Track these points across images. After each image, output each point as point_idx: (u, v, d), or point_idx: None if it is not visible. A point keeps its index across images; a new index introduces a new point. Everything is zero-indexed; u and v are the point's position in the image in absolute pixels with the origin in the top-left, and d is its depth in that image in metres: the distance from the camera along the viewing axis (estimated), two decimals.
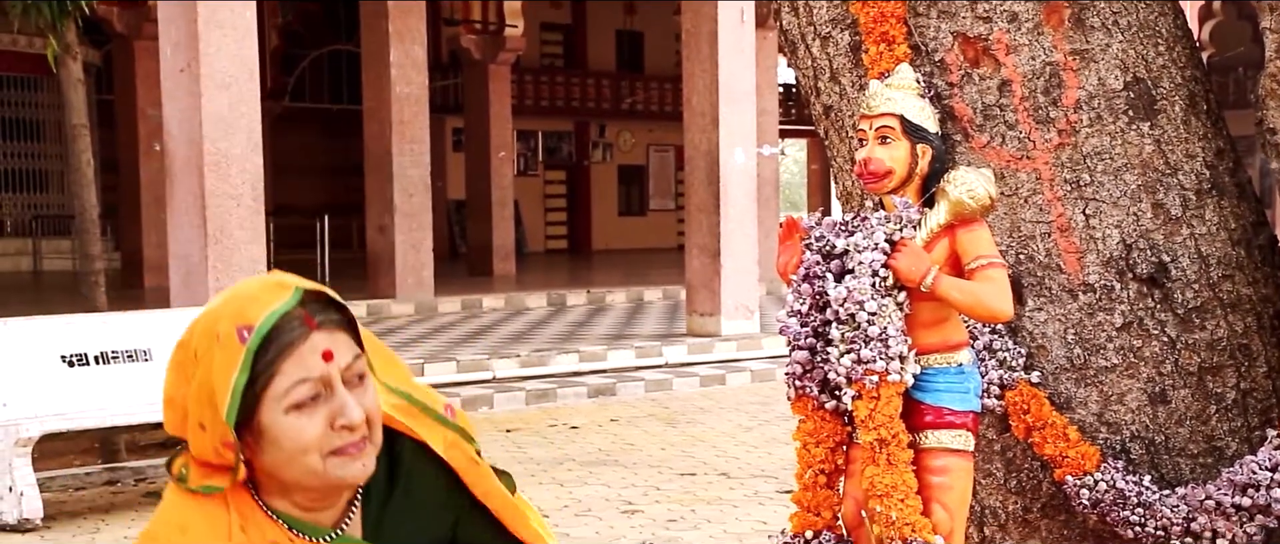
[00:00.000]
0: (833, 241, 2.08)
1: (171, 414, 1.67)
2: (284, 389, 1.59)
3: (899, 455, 2.02)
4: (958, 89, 2.43)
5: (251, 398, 1.59)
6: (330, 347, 1.61)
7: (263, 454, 1.62)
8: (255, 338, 1.58)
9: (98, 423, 6.68)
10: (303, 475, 1.62)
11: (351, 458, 1.62)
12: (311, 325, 1.61)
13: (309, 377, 1.59)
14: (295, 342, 1.60)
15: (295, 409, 1.59)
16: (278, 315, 1.61)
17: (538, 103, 26.93)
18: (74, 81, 8.19)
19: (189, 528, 1.65)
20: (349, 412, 1.60)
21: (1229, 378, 2.44)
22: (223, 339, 1.60)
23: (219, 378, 1.59)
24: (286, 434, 1.60)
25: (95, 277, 8.22)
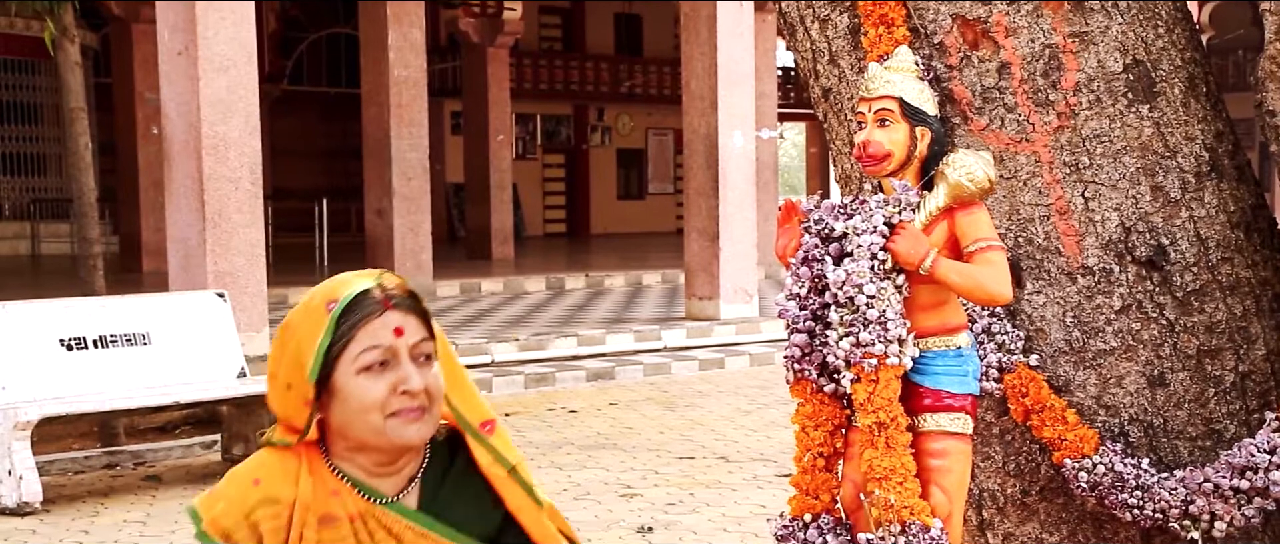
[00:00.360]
0: (831, 225, 2.07)
1: (272, 386, 1.92)
2: (356, 353, 1.84)
3: (897, 439, 2.02)
4: (957, 72, 2.43)
5: (330, 361, 1.85)
6: (401, 324, 1.86)
7: (334, 412, 1.87)
8: (339, 307, 1.86)
9: (96, 407, 6.69)
10: (366, 432, 1.86)
11: (408, 422, 1.85)
12: (387, 305, 1.87)
13: (379, 344, 1.84)
14: (371, 314, 1.85)
15: (365, 371, 1.84)
16: (359, 291, 1.87)
17: (536, 86, 26.88)
18: (71, 64, 8.17)
19: (262, 477, 1.91)
20: (411, 380, 1.84)
21: (1228, 361, 2.44)
22: (313, 311, 1.88)
23: (306, 342, 1.86)
24: (355, 393, 1.84)
25: (93, 260, 8.21)
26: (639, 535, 5.67)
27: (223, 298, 7.53)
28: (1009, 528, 2.56)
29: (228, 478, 1.95)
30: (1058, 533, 2.52)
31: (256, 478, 1.92)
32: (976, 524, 2.59)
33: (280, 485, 1.90)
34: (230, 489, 1.93)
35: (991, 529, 2.58)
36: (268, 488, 1.90)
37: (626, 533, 5.65)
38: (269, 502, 1.89)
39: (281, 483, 1.91)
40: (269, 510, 1.89)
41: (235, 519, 1.89)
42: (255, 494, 1.90)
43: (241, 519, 1.89)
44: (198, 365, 7.16)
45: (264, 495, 1.90)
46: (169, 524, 6.07)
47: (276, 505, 1.89)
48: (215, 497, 1.92)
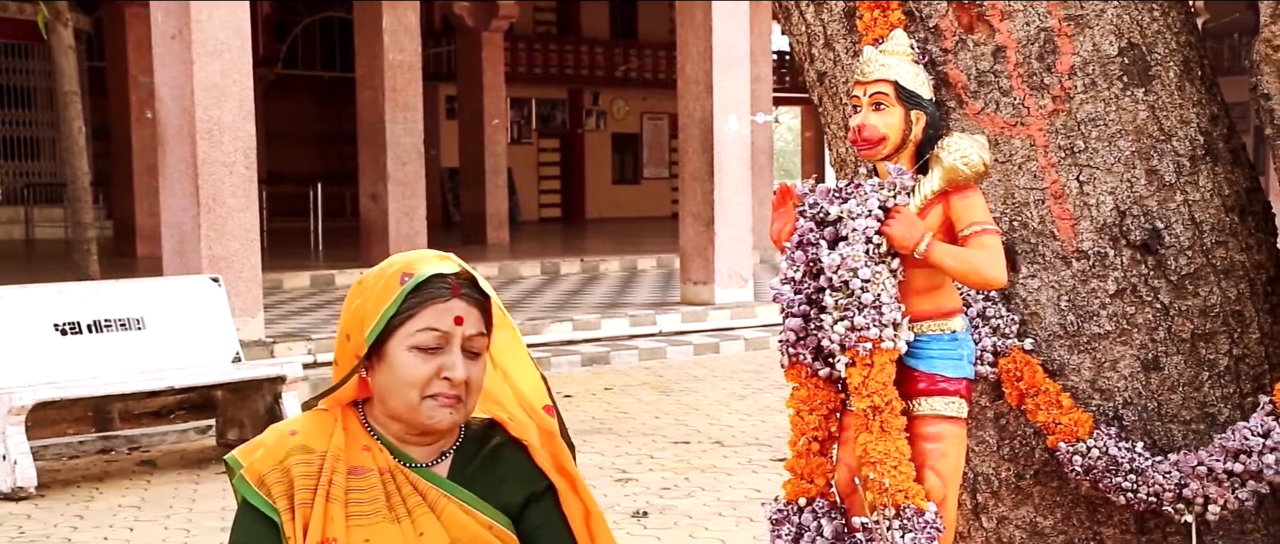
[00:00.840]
0: (826, 208, 2.07)
1: (341, 342, 2.02)
2: (414, 330, 1.94)
3: (892, 422, 2.02)
4: (952, 55, 2.42)
5: (389, 329, 1.95)
6: (463, 315, 1.96)
7: (379, 375, 1.97)
8: (412, 282, 1.95)
9: (91, 392, 6.68)
10: (401, 406, 1.96)
11: (442, 406, 1.95)
12: (456, 292, 1.96)
13: (437, 328, 1.94)
14: (438, 298, 1.95)
15: (416, 349, 1.94)
16: (434, 273, 1.96)
17: (531, 70, 26.82)
18: (65, 48, 8.15)
19: (299, 429, 2.01)
20: (455, 369, 1.94)
21: (1222, 344, 2.44)
22: (388, 279, 1.97)
23: (374, 304, 1.96)
24: (401, 365, 1.94)
25: (87, 245, 8.20)
26: (634, 520, 5.68)
27: (217, 282, 7.52)
28: (1003, 512, 2.57)
29: (269, 430, 2.06)
30: (1052, 517, 2.53)
31: (293, 430, 2.02)
32: (971, 508, 2.60)
33: (315, 437, 2.00)
34: (269, 438, 2.03)
35: (986, 513, 2.58)
36: (303, 438, 2.00)
37: (622, 517, 5.66)
38: (302, 449, 1.98)
39: (317, 435, 2.00)
40: (301, 457, 1.97)
41: (269, 465, 1.98)
42: (290, 443, 2.00)
43: (275, 465, 1.97)
44: (192, 350, 7.15)
45: (298, 444, 1.99)
46: (164, 509, 6.07)
47: (309, 454, 1.98)
48: (254, 445, 2.02)
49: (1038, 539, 2.54)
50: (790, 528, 2.12)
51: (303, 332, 10.31)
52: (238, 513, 2.00)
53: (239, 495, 2.00)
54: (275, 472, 1.96)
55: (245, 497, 1.97)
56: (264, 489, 1.96)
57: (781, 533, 2.13)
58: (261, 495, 1.96)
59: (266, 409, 7.16)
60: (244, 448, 2.03)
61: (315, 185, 19.02)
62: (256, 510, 1.96)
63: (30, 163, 20.91)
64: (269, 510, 1.95)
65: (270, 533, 1.95)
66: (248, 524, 1.97)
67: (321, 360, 9.63)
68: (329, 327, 10.63)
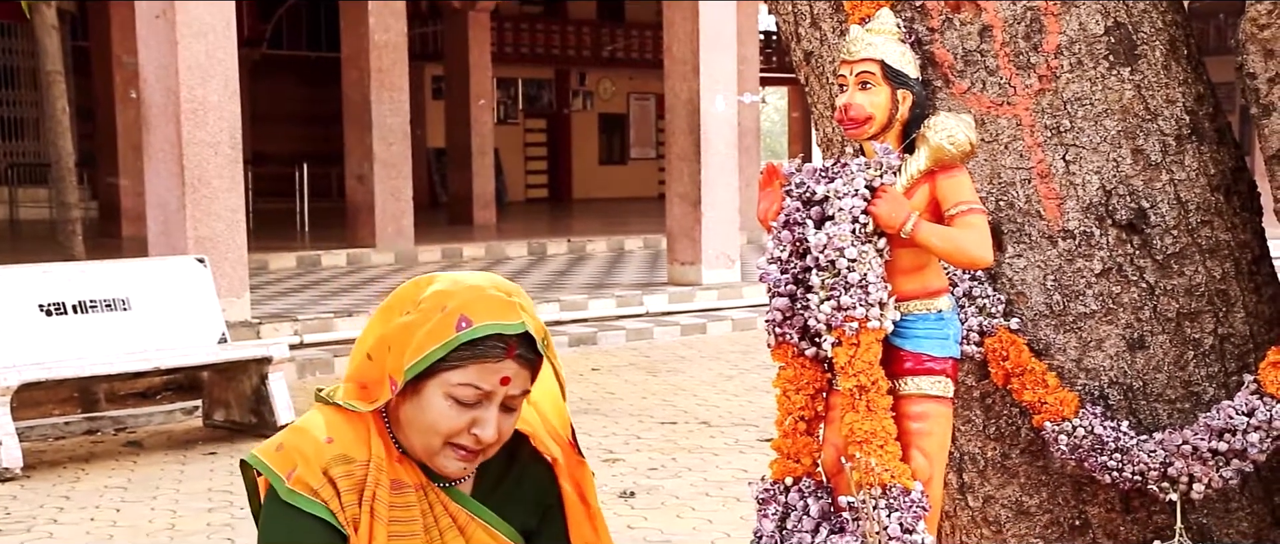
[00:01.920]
0: (813, 188, 2.07)
1: (358, 349, 1.94)
2: (456, 382, 1.85)
3: (878, 402, 2.02)
4: (938, 34, 2.42)
5: (431, 369, 1.85)
6: (511, 376, 1.87)
7: (407, 408, 1.89)
8: (468, 334, 1.84)
9: (76, 372, 6.67)
10: (419, 446, 1.89)
11: (458, 459, 1.89)
12: (510, 354, 1.87)
13: (480, 387, 1.86)
14: (490, 357, 1.85)
15: (453, 399, 1.86)
16: (494, 331, 1.85)
17: (518, 50, 26.75)
18: (48, 28, 8.10)
19: (334, 436, 1.91)
20: (486, 427, 1.87)
21: (1207, 323, 2.44)
22: (446, 315, 1.85)
23: (423, 339, 1.84)
24: (433, 410, 1.86)
25: (72, 225, 8.17)
26: (621, 500, 5.69)
27: (203, 263, 7.50)
28: (989, 490, 2.57)
29: (295, 434, 1.93)
30: (1037, 495, 2.54)
31: (329, 436, 1.91)
32: (957, 487, 2.61)
33: (353, 446, 1.90)
34: (303, 446, 1.91)
35: (972, 492, 2.59)
36: (341, 447, 1.90)
37: (609, 498, 5.67)
38: (343, 460, 1.89)
39: (354, 444, 1.91)
40: (343, 469, 1.88)
41: (316, 477, 1.87)
42: (329, 451, 1.90)
43: (321, 476, 1.87)
44: (178, 331, 7.14)
45: (338, 453, 1.89)
46: (150, 490, 6.06)
47: (350, 464, 1.89)
48: (286, 454, 1.90)
49: (1023, 518, 2.55)
50: (777, 507, 2.13)
51: (289, 312, 10.29)
52: (274, 516, 1.88)
53: (272, 500, 1.88)
54: (325, 485, 1.87)
55: (293, 503, 1.86)
56: (320, 498, 1.87)
57: (768, 512, 2.13)
58: (318, 502, 1.86)
59: (252, 390, 7.16)
60: (271, 453, 1.91)
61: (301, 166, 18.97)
62: (305, 513, 1.86)
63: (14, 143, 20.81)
64: (326, 513, 1.86)
65: (324, 530, 1.86)
66: (291, 524, 1.86)
67: (308, 341, 9.61)
68: (315, 307, 10.62)
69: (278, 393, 7.09)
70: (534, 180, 28.65)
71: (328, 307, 10.73)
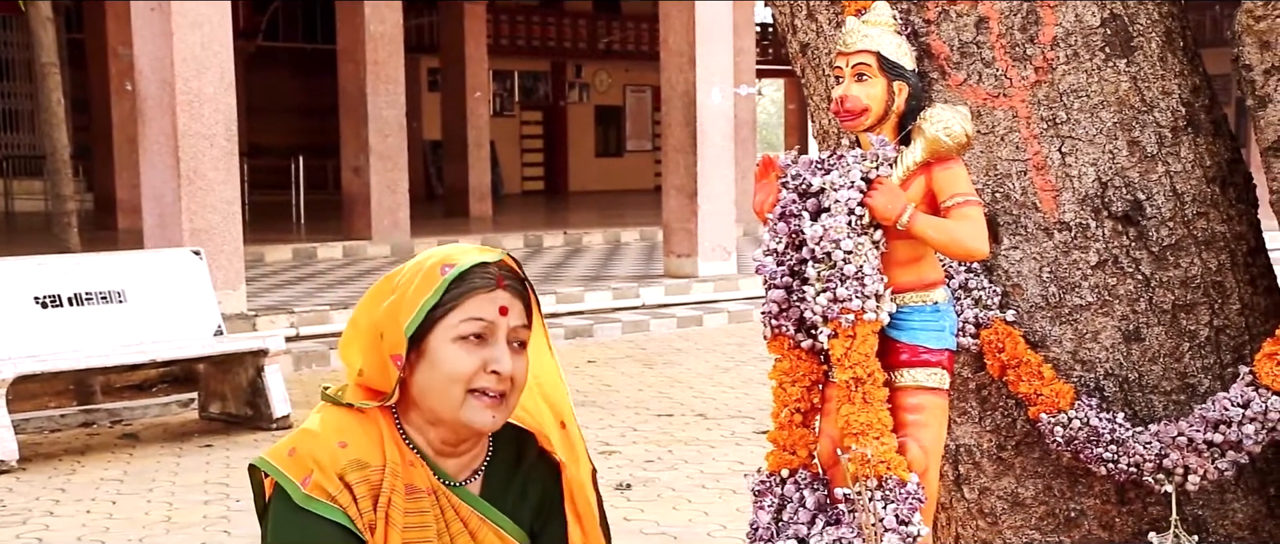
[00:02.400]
0: (809, 180, 2.06)
1: (355, 336, 1.92)
2: (457, 321, 1.84)
3: (874, 394, 2.02)
4: (934, 26, 2.42)
5: (430, 322, 1.84)
6: (508, 305, 1.87)
7: (418, 374, 1.86)
8: (454, 272, 1.86)
9: (72, 365, 6.66)
10: (443, 404, 1.85)
11: (485, 406, 1.86)
12: (500, 283, 1.87)
13: (482, 318, 1.85)
14: (482, 288, 1.85)
15: (460, 340, 1.84)
16: (477, 263, 1.87)
17: (514, 42, 26.71)
18: (43, 20, 8.09)
19: (347, 440, 1.87)
20: (501, 361, 1.85)
21: (1202, 315, 2.45)
22: (426, 271, 1.87)
23: (412, 298, 1.85)
24: (445, 359, 1.84)
25: (68, 217, 8.16)
26: (618, 492, 5.69)
27: (199, 255, 7.49)
28: (985, 482, 2.58)
29: (306, 437, 1.89)
30: (1033, 487, 2.54)
31: (342, 440, 1.87)
32: (953, 479, 2.61)
33: (367, 450, 1.87)
34: (317, 451, 1.87)
35: (968, 483, 2.59)
36: (355, 451, 1.87)
37: (605, 490, 5.66)
38: (359, 465, 1.86)
39: (368, 448, 1.88)
40: (360, 474, 1.85)
41: (334, 482, 1.84)
42: (344, 456, 1.86)
43: (337, 482, 1.84)
44: (174, 323, 7.14)
45: (353, 458, 1.86)
46: (146, 482, 6.06)
47: (366, 469, 1.86)
48: (300, 460, 1.86)
49: (1019, 509, 2.55)
50: (773, 499, 2.13)
51: (285, 305, 10.29)
52: (287, 521, 1.84)
53: (284, 504, 1.85)
54: (341, 491, 1.84)
55: (311, 509, 1.83)
56: (337, 503, 1.84)
57: (764, 504, 2.13)
58: (335, 508, 1.83)
59: (248, 382, 7.15)
60: (283, 458, 1.87)
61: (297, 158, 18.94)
62: (322, 518, 1.83)
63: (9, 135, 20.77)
64: (344, 519, 1.83)
65: (342, 536, 1.83)
66: (306, 529, 1.83)
67: (304, 333, 9.61)
68: (311, 299, 10.61)
69: (274, 385, 7.09)
70: (530, 173, 28.63)
71: (324, 299, 10.72)
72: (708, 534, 5.12)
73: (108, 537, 5.20)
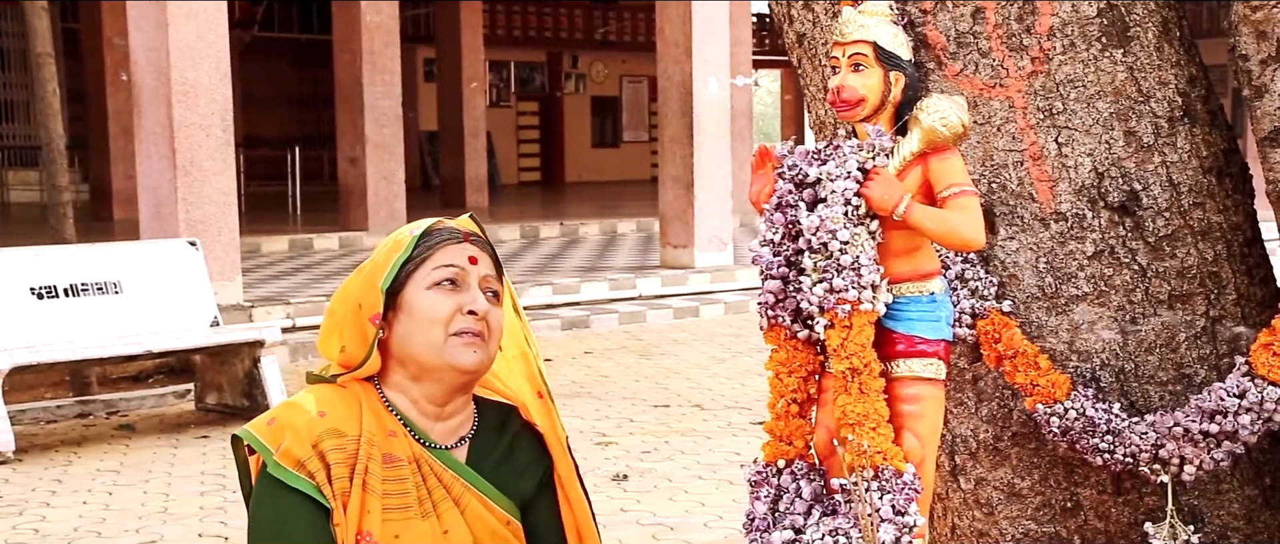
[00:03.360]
0: (805, 170, 2.06)
1: (329, 322, 2.01)
2: (430, 270, 1.94)
3: (871, 384, 2.02)
4: (931, 16, 2.41)
5: (403, 277, 1.94)
6: (476, 256, 1.98)
7: (398, 328, 1.94)
8: (421, 230, 1.98)
9: (68, 356, 6.66)
10: (426, 349, 1.92)
11: (466, 344, 1.92)
12: (466, 238, 1.99)
13: (453, 264, 1.95)
14: (449, 241, 1.97)
15: (434, 287, 1.93)
16: (442, 222, 2.01)
17: (510, 33, 26.67)
18: (38, 9, 8.07)
19: (326, 410, 1.93)
20: (477, 301, 1.94)
21: (1198, 306, 2.45)
22: (396, 238, 1.99)
23: (384, 261, 1.95)
24: (422, 306, 1.93)
25: (63, 208, 8.16)
26: (614, 483, 5.70)
27: (195, 246, 7.49)
28: (981, 473, 2.58)
29: (287, 408, 1.96)
30: (1029, 477, 2.54)
31: (321, 410, 1.93)
32: (949, 469, 2.61)
33: (345, 420, 1.92)
34: (295, 419, 1.92)
35: (964, 474, 2.59)
36: (333, 421, 1.92)
37: (602, 481, 5.67)
38: (335, 434, 1.91)
39: (346, 417, 1.93)
40: (335, 443, 1.90)
41: (305, 450, 1.89)
42: (321, 425, 1.91)
43: (310, 450, 1.89)
44: (170, 314, 7.13)
45: (330, 427, 1.91)
46: (143, 473, 6.06)
47: (342, 438, 1.91)
48: (278, 429, 1.91)
49: (1015, 500, 2.56)
50: (769, 490, 2.13)
51: (281, 295, 10.28)
52: (263, 492, 1.90)
53: (262, 475, 1.90)
54: (313, 458, 1.88)
55: (279, 479, 1.87)
56: (305, 471, 1.88)
57: (760, 495, 2.13)
58: (303, 477, 1.87)
59: (245, 373, 7.15)
60: (264, 430, 1.92)
61: (293, 149, 18.92)
62: (292, 489, 1.87)
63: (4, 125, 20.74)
64: (312, 490, 1.87)
65: (310, 508, 1.87)
66: (278, 500, 1.87)
67: (300, 324, 9.61)
68: (307, 290, 10.61)
69: (270, 376, 7.08)
70: (526, 163, 28.60)
71: (320, 290, 10.71)
72: (704, 525, 5.12)
73: (104, 528, 5.20)
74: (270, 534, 1.87)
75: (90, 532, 5.15)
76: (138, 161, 9.61)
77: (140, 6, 9.26)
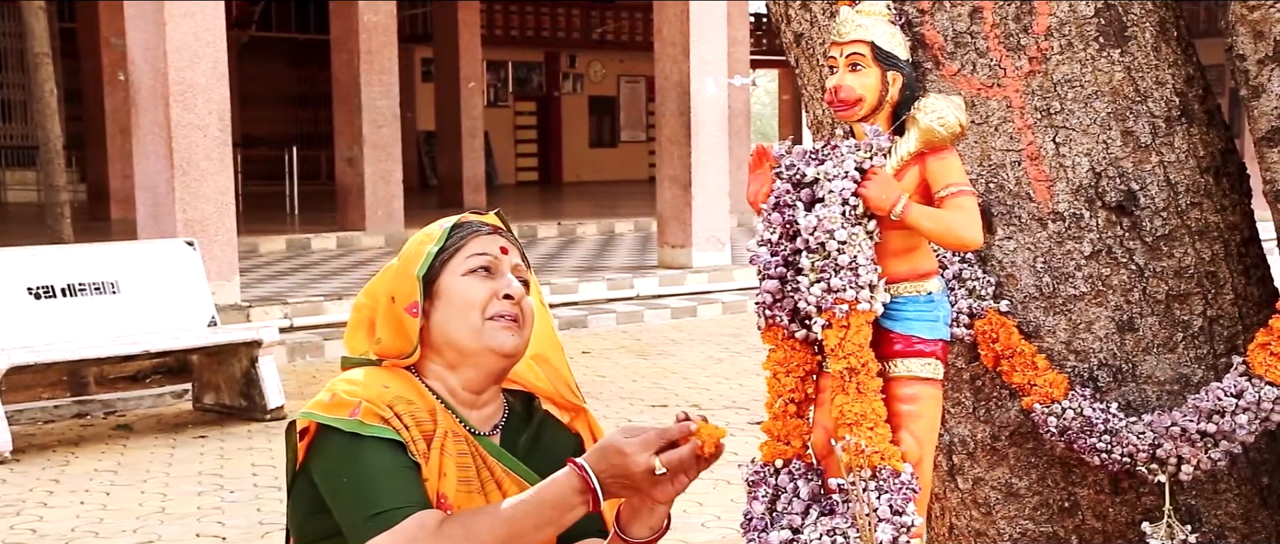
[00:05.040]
0: (803, 170, 2.06)
1: (356, 318, 2.04)
2: (465, 257, 2.00)
3: (868, 384, 2.02)
4: (928, 16, 2.41)
5: (437, 267, 1.99)
6: (506, 246, 2.05)
7: (436, 315, 1.98)
8: (451, 223, 2.04)
9: (65, 356, 6.66)
10: (464, 333, 1.97)
11: (503, 327, 1.98)
12: (497, 231, 2.07)
13: (485, 252, 2.01)
14: (480, 232, 2.04)
15: (470, 273, 1.99)
16: (472, 216, 2.07)
17: (508, 33, 26.67)
18: (35, 9, 8.06)
19: (390, 384, 1.95)
20: (511, 285, 2.01)
21: (1196, 305, 2.45)
22: (426, 233, 2.04)
23: (418, 252, 2.00)
24: (459, 292, 1.98)
25: (61, 208, 8.15)
26: None
27: (192, 246, 7.48)
28: (979, 473, 2.58)
29: (345, 383, 1.93)
30: (1027, 477, 2.54)
31: (384, 384, 1.94)
32: (947, 469, 2.61)
33: (409, 391, 1.95)
34: (359, 391, 1.91)
35: (961, 474, 2.60)
36: (398, 390, 1.94)
37: None
38: (405, 400, 1.92)
39: (409, 390, 1.96)
40: (408, 408, 1.91)
41: (384, 409, 1.89)
42: (389, 394, 1.92)
43: (387, 409, 1.89)
44: (167, 314, 7.13)
45: (397, 394, 1.93)
46: (140, 473, 6.06)
47: (412, 404, 1.93)
48: (340, 401, 1.89)
49: (1013, 499, 2.56)
50: (767, 489, 2.13)
51: (279, 295, 10.27)
52: (343, 455, 1.86)
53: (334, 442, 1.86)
54: (395, 417, 1.88)
55: (363, 434, 1.85)
56: (391, 426, 1.88)
57: (758, 494, 2.13)
58: (389, 429, 1.87)
59: (242, 373, 7.15)
60: (323, 404, 1.90)
61: (290, 148, 18.91)
62: (379, 440, 1.86)
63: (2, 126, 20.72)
64: (398, 440, 1.87)
65: (402, 454, 1.87)
66: (368, 453, 1.85)
67: (298, 324, 9.60)
68: (305, 290, 10.60)
69: (268, 376, 7.08)
70: (524, 163, 28.59)
71: (318, 290, 10.71)
72: (702, 524, 5.12)
73: (102, 528, 5.20)
74: (367, 487, 1.84)
75: (87, 532, 5.15)
76: (135, 161, 9.60)
77: (138, 6, 9.25)
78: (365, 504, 1.84)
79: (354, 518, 1.84)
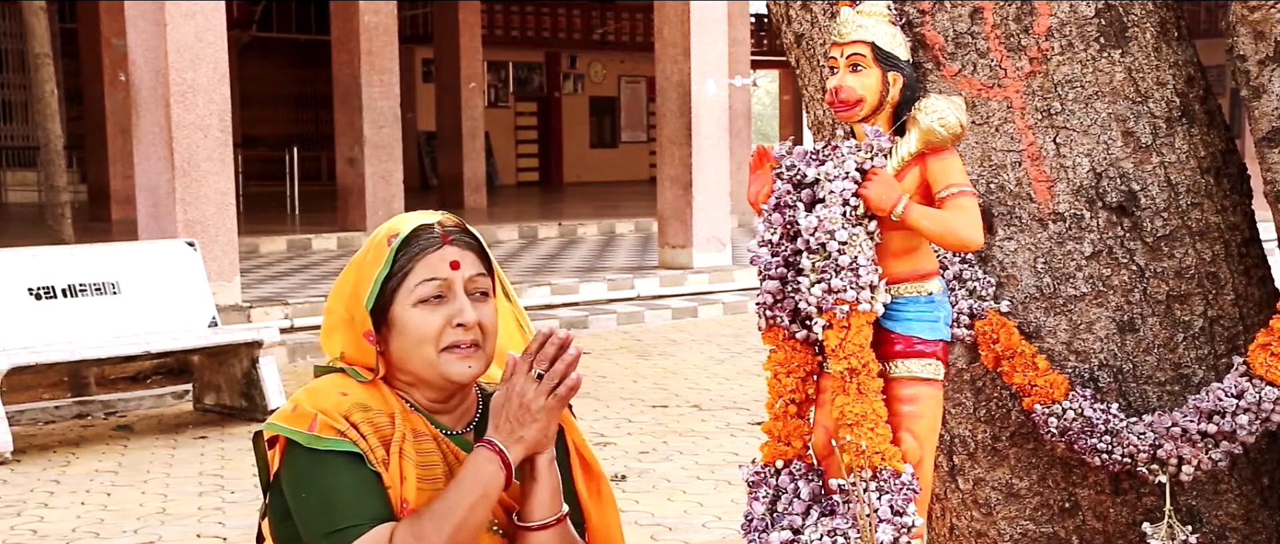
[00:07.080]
0: (804, 171, 2.06)
1: (328, 320, 2.01)
2: (413, 285, 1.91)
3: (869, 385, 2.02)
4: (929, 16, 2.41)
5: (388, 293, 1.92)
6: (458, 258, 1.94)
7: (393, 344, 1.93)
8: (398, 240, 1.93)
9: (66, 356, 6.66)
10: (421, 365, 1.92)
11: (460, 357, 1.92)
12: (445, 239, 1.95)
13: (435, 277, 1.92)
14: (429, 248, 1.93)
15: (421, 303, 1.91)
16: (418, 225, 1.95)
17: (508, 33, 26.65)
18: (36, 9, 8.07)
19: (349, 391, 1.93)
20: (465, 313, 1.91)
21: (1197, 306, 2.45)
22: (376, 245, 1.95)
23: (367, 274, 1.94)
24: (411, 325, 1.91)
25: (61, 209, 8.15)
26: (613, 484, 5.70)
27: (193, 247, 7.48)
28: (979, 473, 2.58)
29: (306, 394, 1.94)
30: (1028, 478, 2.54)
31: (343, 391, 1.93)
32: (947, 470, 2.61)
33: (369, 398, 1.93)
34: (318, 401, 1.91)
35: (962, 475, 2.60)
36: (356, 398, 1.92)
37: None
38: (363, 408, 1.91)
39: (370, 397, 1.93)
40: (365, 416, 1.90)
41: (340, 421, 1.89)
42: (347, 402, 1.91)
43: (344, 420, 1.89)
44: (168, 315, 7.13)
45: (356, 402, 1.91)
46: (141, 474, 6.06)
47: (370, 412, 1.91)
48: (302, 412, 1.90)
49: (1013, 500, 2.56)
50: (767, 490, 2.13)
51: (279, 296, 10.28)
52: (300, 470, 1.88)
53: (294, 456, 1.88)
54: (350, 428, 1.88)
55: (319, 449, 1.86)
56: (346, 437, 1.88)
57: (759, 495, 2.13)
58: (345, 440, 1.87)
59: (243, 374, 7.15)
60: (286, 415, 1.92)
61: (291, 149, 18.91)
62: (335, 454, 1.86)
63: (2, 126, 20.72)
64: (355, 451, 1.87)
65: (359, 466, 1.87)
66: (323, 469, 1.86)
67: (299, 324, 9.61)
68: (306, 291, 10.60)
69: (268, 376, 7.08)
70: (525, 163, 28.58)
71: (318, 290, 10.71)
72: (702, 525, 5.12)
73: (102, 528, 5.20)
74: (325, 504, 1.86)
75: (88, 532, 5.15)
76: (136, 162, 9.60)
77: (138, 6, 9.25)
78: (322, 521, 1.86)
79: (311, 535, 1.88)
